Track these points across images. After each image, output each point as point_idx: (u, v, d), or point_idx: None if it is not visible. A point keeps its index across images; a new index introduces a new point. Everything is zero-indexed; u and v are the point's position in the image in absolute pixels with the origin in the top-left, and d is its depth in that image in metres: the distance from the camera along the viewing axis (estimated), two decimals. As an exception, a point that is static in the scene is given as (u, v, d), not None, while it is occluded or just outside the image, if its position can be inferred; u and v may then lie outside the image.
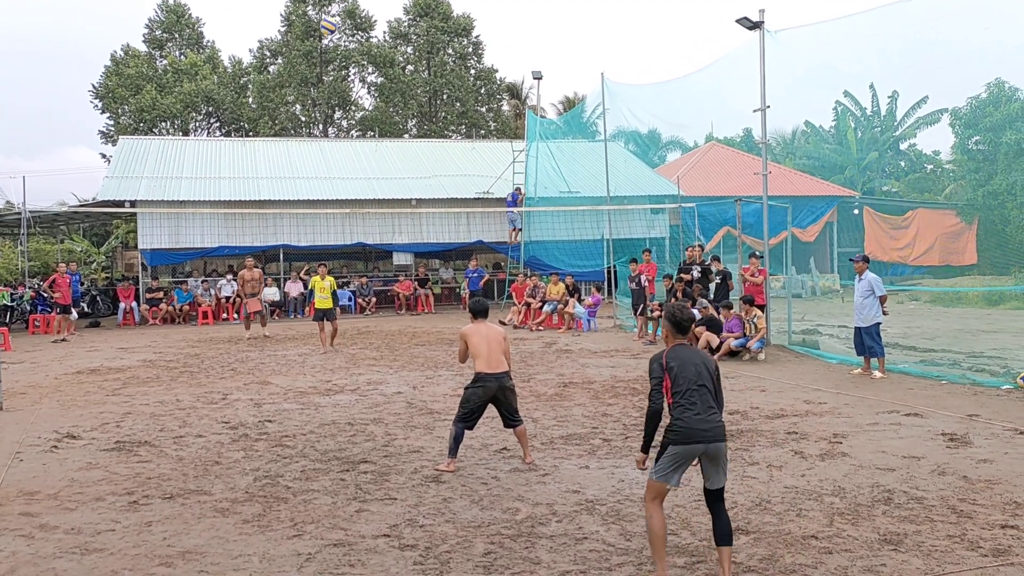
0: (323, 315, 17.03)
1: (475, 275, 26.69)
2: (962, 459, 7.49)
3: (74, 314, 21.84)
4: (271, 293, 25.72)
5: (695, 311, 15.96)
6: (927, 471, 7.12)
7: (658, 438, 5.07)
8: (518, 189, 26.83)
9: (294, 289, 25.82)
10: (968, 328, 18.53)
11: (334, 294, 17.42)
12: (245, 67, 49.74)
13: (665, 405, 5.01)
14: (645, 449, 5.07)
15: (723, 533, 4.95)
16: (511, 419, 7.75)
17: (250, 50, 54.37)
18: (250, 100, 48.22)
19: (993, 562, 5.07)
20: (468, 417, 7.65)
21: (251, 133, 45.25)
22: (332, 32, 18.87)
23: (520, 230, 26.55)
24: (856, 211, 32.81)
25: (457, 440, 7.62)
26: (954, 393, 10.87)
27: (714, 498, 5.06)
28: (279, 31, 48.89)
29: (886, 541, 5.46)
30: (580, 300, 21.21)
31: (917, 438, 8.36)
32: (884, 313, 12.47)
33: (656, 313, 17.63)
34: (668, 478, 4.94)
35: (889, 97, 40.87)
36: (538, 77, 29.12)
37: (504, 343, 7.78)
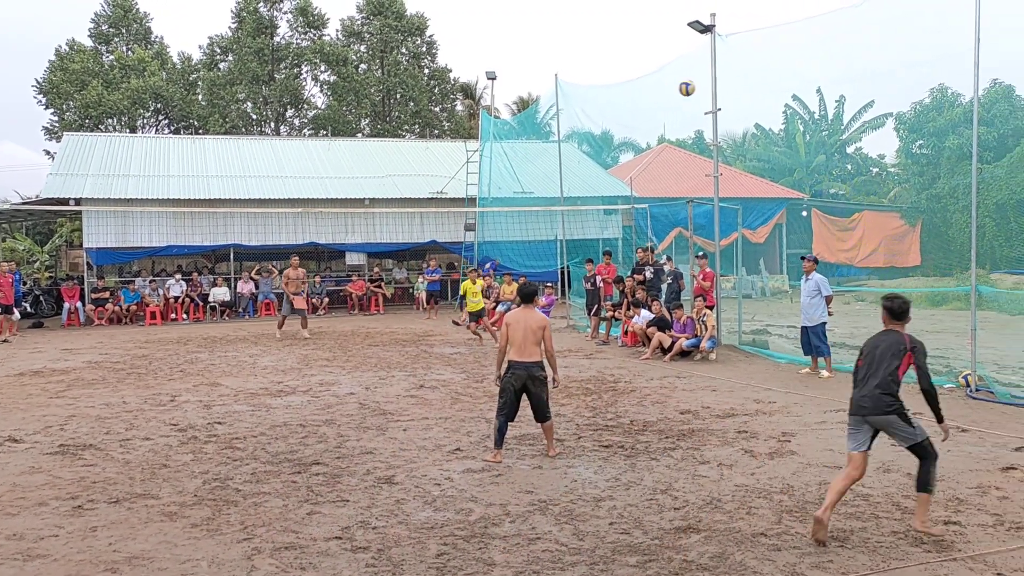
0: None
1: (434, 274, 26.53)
2: (907, 456, 7.59)
3: (16, 314, 21.27)
4: (221, 293, 25.37)
5: (647, 311, 16.10)
6: (873, 468, 7.25)
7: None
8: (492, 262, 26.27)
9: (245, 289, 25.49)
10: (912, 328, 18.90)
11: None
12: (195, 64, 48.93)
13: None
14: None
15: None
16: (539, 414, 7.97)
17: (200, 46, 53.67)
18: (200, 97, 47.45)
19: (936, 557, 5.20)
20: (504, 407, 7.87)
21: (201, 131, 44.55)
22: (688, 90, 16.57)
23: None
24: (804, 213, 33.38)
25: (500, 431, 7.87)
26: (899, 392, 11.10)
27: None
28: (230, 28, 48.21)
29: (833, 538, 5.56)
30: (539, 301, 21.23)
31: (863, 436, 8.51)
32: (829, 313, 12.71)
33: (610, 314, 17.75)
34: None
35: (836, 101, 41.70)
36: (492, 77, 29.18)
37: (539, 332, 7.91)
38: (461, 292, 18.92)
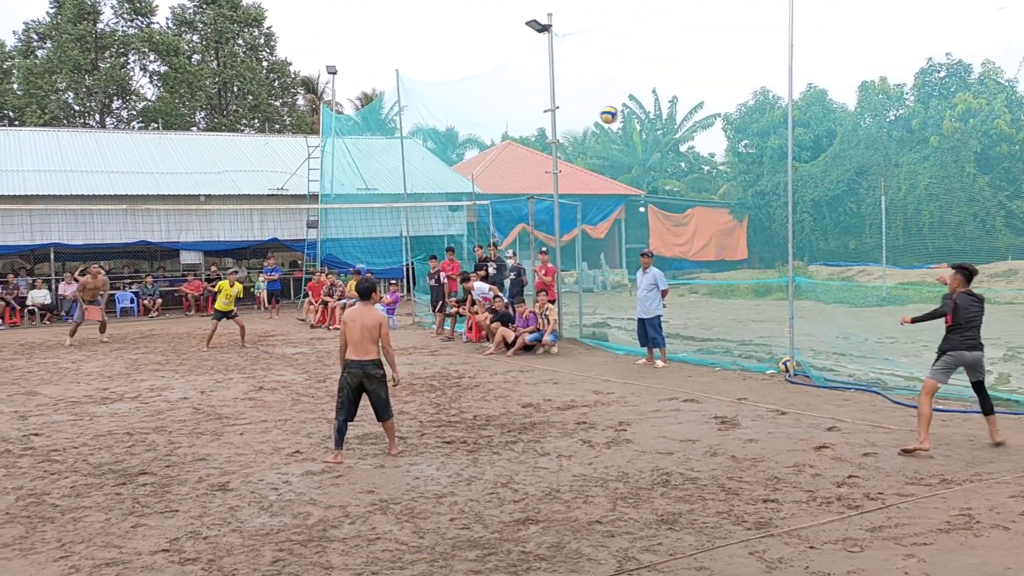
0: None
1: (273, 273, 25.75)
2: (731, 440, 8.08)
3: None
4: (40, 296, 23.72)
5: (480, 283, 16.29)
6: (701, 453, 7.63)
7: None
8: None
9: (68, 291, 23.89)
10: (739, 318, 20.05)
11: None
12: (8, 51, 45.46)
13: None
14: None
15: None
16: (378, 413, 7.85)
17: (14, 32, 49.87)
18: (15, 87, 44.14)
19: (756, 534, 5.51)
20: (342, 407, 7.73)
21: (17, 122, 41.45)
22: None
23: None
24: (642, 209, 34.65)
25: (340, 432, 7.73)
26: (726, 379, 11.72)
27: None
28: (48, 13, 45.05)
29: (663, 521, 5.79)
30: (379, 297, 21.01)
31: (693, 422, 8.93)
32: (663, 306, 13.28)
33: (454, 310, 17.81)
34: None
35: (670, 102, 43.52)
36: (333, 71, 28.63)
37: (375, 330, 7.77)
38: (216, 289, 18.30)
